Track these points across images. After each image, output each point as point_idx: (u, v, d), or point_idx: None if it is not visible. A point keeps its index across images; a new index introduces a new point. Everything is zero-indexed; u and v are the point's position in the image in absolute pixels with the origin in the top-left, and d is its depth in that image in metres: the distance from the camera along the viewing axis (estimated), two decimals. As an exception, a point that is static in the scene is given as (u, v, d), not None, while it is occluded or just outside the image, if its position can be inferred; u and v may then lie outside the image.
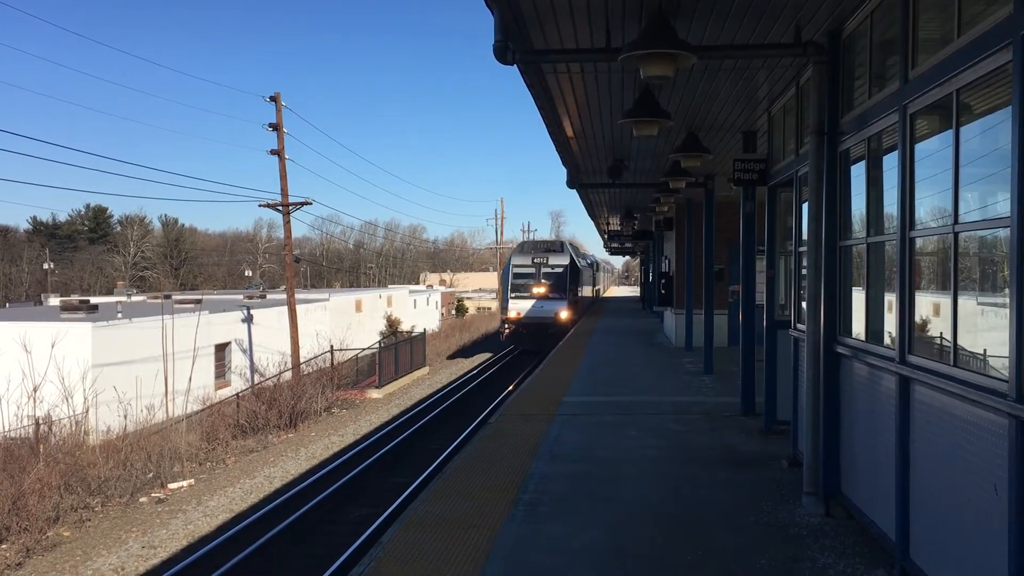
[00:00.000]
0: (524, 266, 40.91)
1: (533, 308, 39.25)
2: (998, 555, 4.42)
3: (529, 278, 40.34)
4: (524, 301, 39.53)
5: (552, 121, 11.86)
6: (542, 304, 39.24)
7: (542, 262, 40.70)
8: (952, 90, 5.11)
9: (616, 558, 6.60)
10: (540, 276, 40.31)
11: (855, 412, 7.28)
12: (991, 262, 5.35)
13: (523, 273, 40.59)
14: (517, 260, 41.69)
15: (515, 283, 40.20)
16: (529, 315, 39.18)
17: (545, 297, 39.55)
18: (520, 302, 39.58)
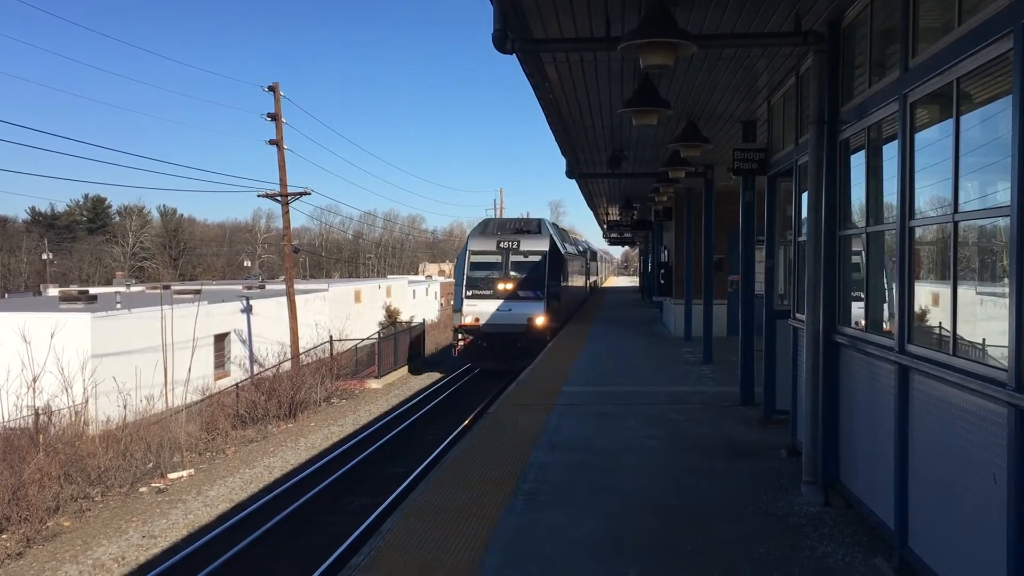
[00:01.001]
0: (485, 253, 29.60)
1: (498, 312, 28.49)
2: (997, 544, 4.43)
3: (492, 269, 29.28)
4: (485, 302, 28.60)
5: (551, 111, 11.82)
6: (510, 306, 28.33)
7: (511, 247, 29.48)
8: (952, 79, 5.09)
9: (615, 547, 6.61)
10: (508, 267, 29.25)
11: (854, 401, 7.28)
12: (990, 252, 5.35)
13: (484, 263, 29.44)
14: (476, 245, 30.04)
15: (473, 277, 29.07)
16: (492, 322, 28.24)
17: (514, 296, 28.58)
18: (479, 303, 28.59)
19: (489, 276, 29.18)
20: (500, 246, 29.67)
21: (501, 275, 29.22)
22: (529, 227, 31.56)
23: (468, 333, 28.46)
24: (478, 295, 28.74)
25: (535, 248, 29.66)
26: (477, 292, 28.80)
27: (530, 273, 29.11)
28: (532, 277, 28.97)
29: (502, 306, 28.53)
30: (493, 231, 31.11)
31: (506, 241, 29.83)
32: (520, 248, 29.64)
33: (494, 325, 28.21)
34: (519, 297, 28.56)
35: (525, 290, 28.70)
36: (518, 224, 32.11)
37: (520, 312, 28.14)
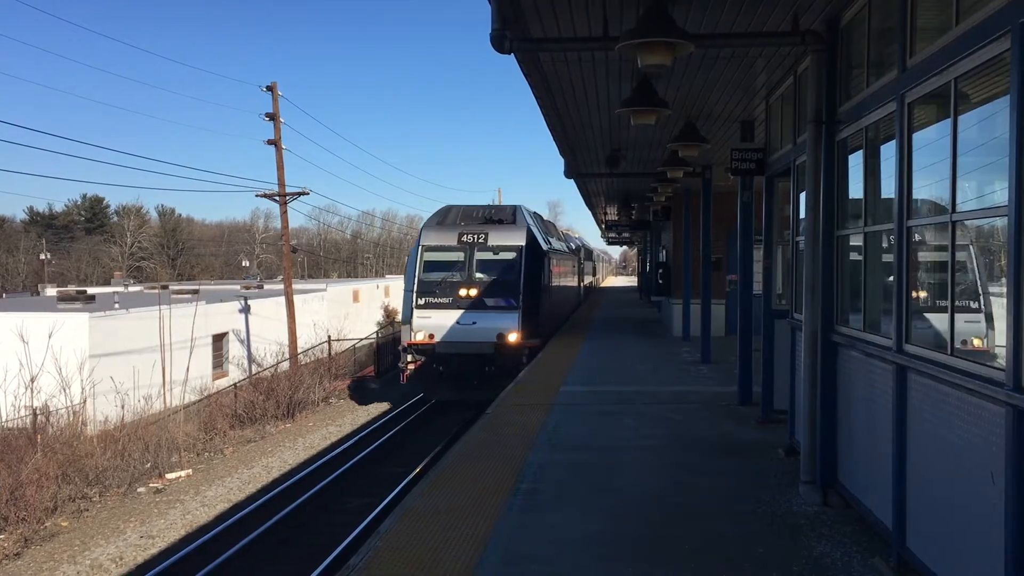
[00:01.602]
0: (443, 249, 23.07)
1: (459, 326, 22.13)
2: (995, 543, 4.43)
3: (452, 270, 22.76)
4: (442, 313, 22.23)
5: (549, 110, 11.82)
6: (475, 318, 22.05)
7: (476, 241, 22.90)
8: (950, 79, 5.10)
9: (615, 547, 6.61)
10: (473, 267, 22.71)
11: (852, 401, 7.29)
12: (988, 251, 5.36)
13: (441, 262, 22.95)
14: (432, 238, 23.37)
15: (426, 280, 22.56)
16: (451, 339, 21.99)
17: (480, 305, 22.26)
18: (434, 315, 22.20)
19: (448, 279, 22.23)
20: (463, 240, 22.63)
21: (463, 278, 22.18)
22: (501, 216, 24.05)
23: (420, 353, 21.72)
24: (433, 304, 22.03)
25: (508, 242, 22.64)
26: (432, 300, 22.06)
27: (502, 274, 22.20)
28: (504, 280, 22.10)
29: (464, 318, 21.83)
30: (454, 221, 23.67)
31: (471, 234, 22.70)
32: (489, 242, 22.56)
33: (454, 343, 21.57)
34: (487, 306, 21.85)
35: (495, 297, 21.97)
36: (487, 212, 24.55)
37: (488, 326, 21.51)
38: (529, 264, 22.49)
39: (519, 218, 23.78)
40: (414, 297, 22.25)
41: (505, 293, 22.15)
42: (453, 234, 22.94)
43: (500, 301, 22.05)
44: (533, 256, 22.85)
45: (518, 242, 22.71)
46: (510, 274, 22.33)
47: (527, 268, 22.36)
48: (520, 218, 23.78)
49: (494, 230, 23.05)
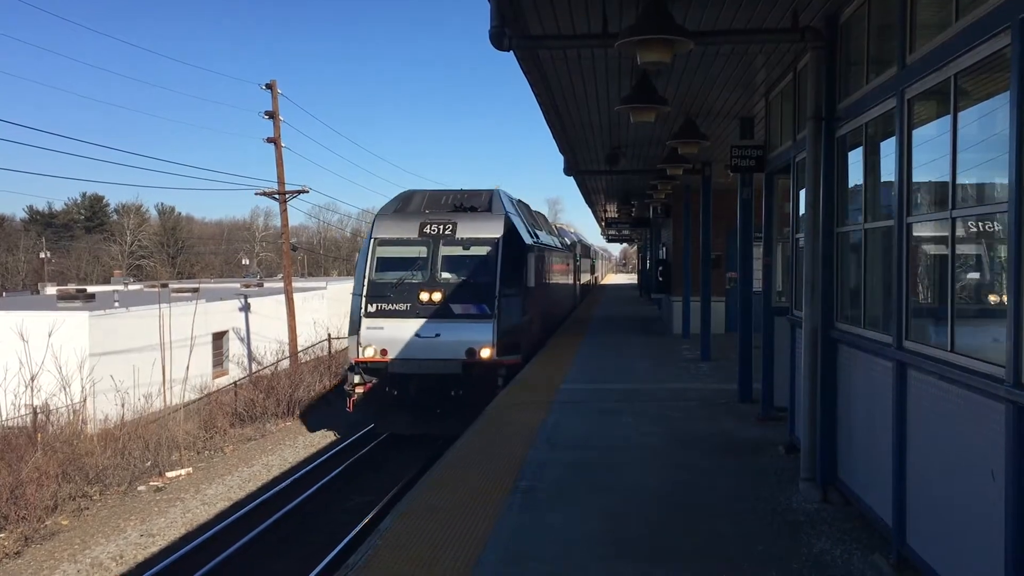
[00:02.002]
0: (401, 243, 18.72)
1: (419, 340, 17.77)
2: (995, 540, 4.42)
3: (411, 269, 18.39)
4: (397, 323, 17.88)
5: (549, 108, 11.81)
6: (439, 329, 17.71)
7: (442, 233, 18.56)
8: (950, 75, 5.08)
9: (614, 545, 6.61)
10: (438, 265, 18.37)
11: (852, 398, 7.28)
12: (989, 247, 5.35)
13: (398, 259, 18.64)
14: (387, 230, 19.05)
15: (378, 282, 18.31)
16: (408, 355, 17.67)
17: (446, 313, 17.90)
18: (388, 325, 17.90)
19: (406, 280, 17.86)
20: (425, 232, 18.25)
21: (425, 278, 17.82)
22: (474, 202, 19.75)
23: (370, 374, 17.44)
24: (386, 312, 17.63)
25: (481, 234, 18.28)
26: (385, 307, 17.66)
27: (473, 275, 17.93)
28: (476, 281, 17.80)
29: (425, 329, 17.46)
30: (417, 209, 19.50)
31: (435, 224, 18.32)
32: (457, 235, 18.22)
33: (412, 361, 17.24)
34: (454, 314, 17.42)
35: (464, 303, 17.57)
36: (457, 198, 20.04)
37: (455, 339, 17.24)
38: (508, 261, 18.01)
39: (496, 205, 19.16)
40: (363, 303, 17.77)
41: (477, 298, 17.51)
42: (413, 224, 18.42)
43: (471, 308, 17.50)
44: (513, 251, 18.29)
45: (494, 234, 18.16)
46: (484, 274, 17.76)
47: (505, 266, 17.88)
48: (497, 205, 19.15)
49: (464, 219, 18.53)
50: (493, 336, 17.42)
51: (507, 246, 18.23)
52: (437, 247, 18.23)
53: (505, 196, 20.73)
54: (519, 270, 18.49)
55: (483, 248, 18.19)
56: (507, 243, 18.26)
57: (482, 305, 17.68)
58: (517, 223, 19.51)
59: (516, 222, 19.42)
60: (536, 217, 27.64)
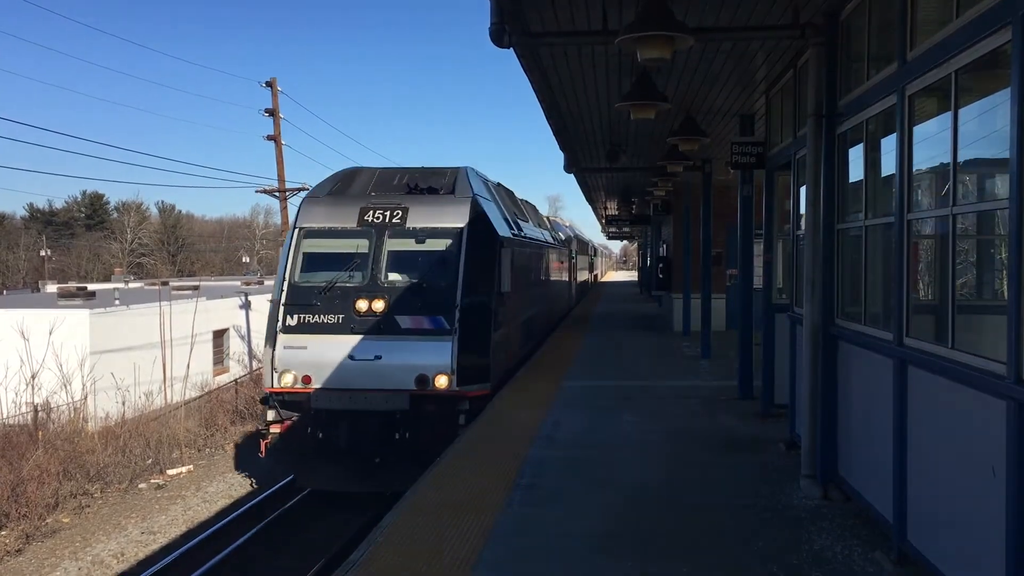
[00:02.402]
0: (335, 234, 14.14)
1: (352, 363, 13.01)
2: (996, 536, 4.42)
3: (345, 269, 13.65)
4: (325, 340, 13.18)
5: (549, 105, 11.81)
6: (380, 349, 13.05)
7: (389, 222, 13.89)
8: (951, 71, 5.08)
9: (615, 541, 6.61)
10: (381, 264, 13.66)
11: (853, 395, 7.28)
12: (989, 244, 5.35)
13: (330, 255, 14.01)
14: (315, 217, 14.31)
15: (302, 286, 13.62)
16: (337, 383, 12.99)
17: (389, 328, 13.18)
18: (312, 343, 13.20)
19: (339, 284, 13.41)
20: (367, 220, 13.85)
21: (364, 281, 13.38)
22: (433, 182, 15.27)
23: (288, 408, 13.10)
24: (312, 326, 13.23)
25: (440, 222, 13.85)
26: (310, 319, 13.26)
27: (429, 276, 13.52)
28: (433, 285, 13.39)
29: (362, 349, 13.02)
30: (361, 190, 14.96)
31: (381, 210, 13.91)
32: (408, 223, 13.77)
33: (343, 393, 12.86)
34: (401, 329, 13.12)
35: (415, 313, 13.21)
36: (414, 177, 15.57)
37: (402, 363, 12.84)
38: (475, 258, 13.55)
39: (462, 186, 14.52)
40: (280, 313, 13.27)
41: (432, 307, 13.04)
42: (351, 210, 13.88)
43: (423, 321, 13.00)
44: (482, 245, 13.80)
45: (456, 222, 13.65)
46: (442, 275, 13.31)
47: (471, 265, 13.43)
48: (463, 186, 14.52)
49: (419, 204, 13.96)
50: (452, 359, 12.62)
51: (474, 239, 13.57)
52: (381, 240, 13.44)
53: (476, 176, 15.73)
54: (490, 270, 13.81)
55: (442, 241, 13.52)
56: (474, 234, 13.59)
57: (438, 317, 12.92)
58: (489, 210, 14.65)
59: (487, 208, 14.58)
60: (523, 207, 22.83)
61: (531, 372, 16.15)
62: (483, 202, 14.50)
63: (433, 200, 14.24)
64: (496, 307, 13.91)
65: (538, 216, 27.26)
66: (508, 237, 15.36)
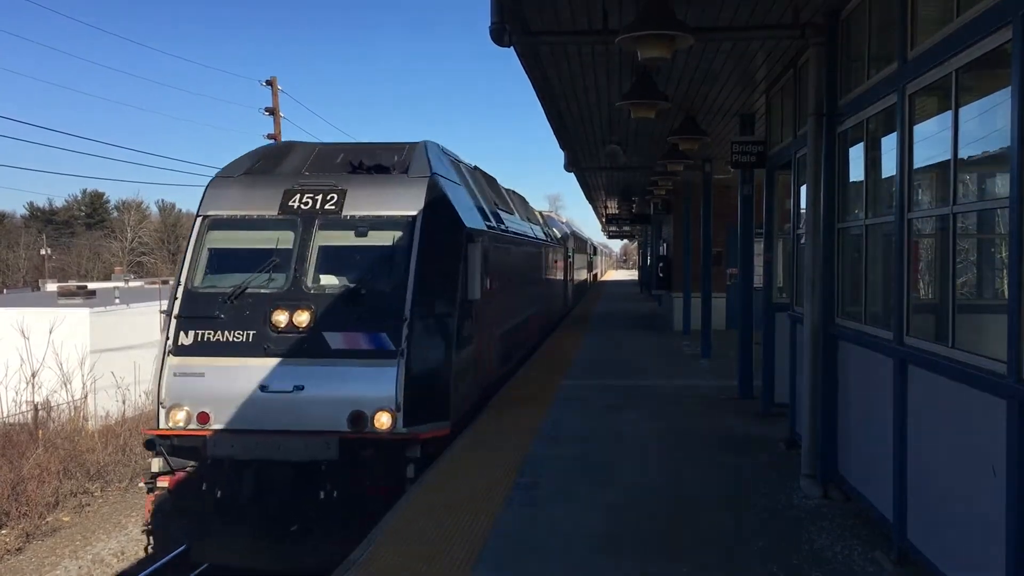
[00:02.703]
0: (249, 225, 10.48)
1: (263, 395, 9.47)
2: (996, 536, 4.42)
3: (261, 270, 10.04)
4: (229, 365, 9.65)
5: (549, 103, 11.80)
6: (301, 377, 9.50)
7: (320, 209, 10.35)
8: (951, 70, 5.08)
9: (615, 540, 6.61)
10: (307, 265, 10.08)
11: (853, 394, 7.28)
12: (990, 243, 5.35)
13: (242, 252, 10.39)
14: (225, 203, 10.69)
15: (202, 293, 10.10)
16: (243, 422, 9.47)
17: (314, 348, 9.62)
18: (211, 367, 9.70)
19: (249, 291, 10.06)
20: (292, 206, 10.55)
21: (283, 288, 10.07)
22: (382, 159, 11.84)
23: (181, 455, 9.86)
24: (212, 346, 9.92)
25: (387, 210, 10.49)
26: (210, 337, 9.94)
27: (370, 280, 10.18)
28: (374, 292, 10.06)
29: (278, 378, 9.65)
30: (295, 168, 11.50)
31: (310, 193, 10.64)
32: (346, 211, 10.50)
33: (250, 437, 9.45)
34: (330, 351, 9.76)
35: (350, 329, 9.86)
36: (359, 153, 12.10)
37: (330, 396, 9.57)
38: (432, 256, 10.30)
39: (418, 164, 11.10)
40: (171, 329, 10.08)
41: (374, 320, 9.86)
42: (272, 193, 10.61)
43: (362, 339, 9.80)
44: (443, 239, 10.60)
45: (408, 209, 10.39)
46: (388, 278, 10.12)
47: (426, 265, 10.17)
48: (420, 164, 11.10)
49: (360, 187, 10.71)
50: (398, 389, 9.41)
51: (431, 230, 10.27)
52: (310, 232, 10.17)
53: (440, 153, 12.15)
54: (452, 270, 10.48)
55: (389, 233, 10.21)
56: (431, 225, 10.30)
57: (380, 334, 9.66)
58: (454, 194, 11.37)
59: (452, 193, 11.24)
60: (508, 197, 19.18)
61: (538, 367, 16.13)
62: (445, 185, 11.07)
63: (380, 181, 10.80)
64: (460, 319, 10.46)
65: (528, 209, 23.43)
66: (479, 229, 12.05)
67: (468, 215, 11.62)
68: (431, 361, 10.01)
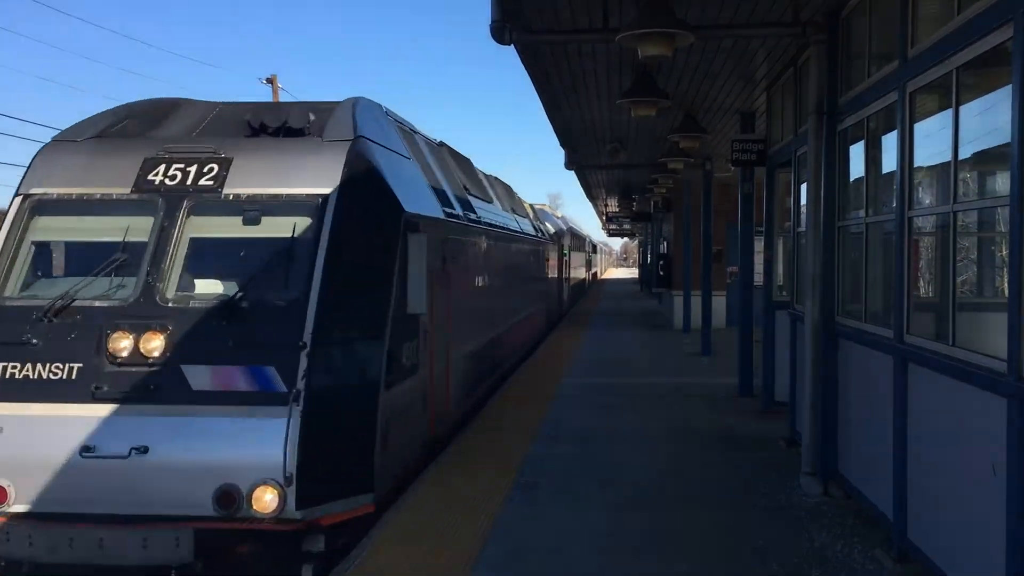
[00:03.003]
0: (94, 207, 7.16)
1: (87, 461, 6.06)
2: (996, 535, 4.43)
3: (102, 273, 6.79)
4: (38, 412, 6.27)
5: (550, 101, 11.81)
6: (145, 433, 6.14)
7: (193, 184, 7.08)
8: (952, 68, 5.08)
9: (616, 538, 6.61)
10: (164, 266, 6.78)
11: (853, 392, 7.28)
12: (990, 241, 5.35)
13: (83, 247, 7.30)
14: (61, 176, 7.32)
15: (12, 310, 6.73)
16: (52, 502, 6.11)
17: (164, 390, 6.28)
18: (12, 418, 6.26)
19: (77, 304, 6.67)
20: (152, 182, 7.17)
21: (129, 300, 6.69)
22: (294, 119, 7.99)
23: None
24: (16, 385, 6.43)
25: (286, 186, 7.14)
26: (15, 373, 6.46)
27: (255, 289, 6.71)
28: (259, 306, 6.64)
29: (108, 432, 6.18)
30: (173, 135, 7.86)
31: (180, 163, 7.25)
32: (226, 189, 7.12)
33: (68, 526, 6.07)
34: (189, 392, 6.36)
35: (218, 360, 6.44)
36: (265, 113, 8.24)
37: (187, 462, 6.13)
38: (351, 254, 7.11)
39: (339, 124, 7.77)
40: None
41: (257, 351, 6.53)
42: (127, 164, 7.39)
43: (237, 377, 6.46)
44: (369, 229, 7.38)
45: (316, 186, 7.19)
46: (279, 287, 6.83)
47: (343, 264, 6.96)
48: (341, 124, 7.76)
49: (253, 154, 7.49)
50: (288, 451, 6.23)
51: (350, 217, 7.19)
52: (175, 219, 7.13)
53: (375, 114, 8.65)
54: (382, 275, 7.31)
55: (288, 220, 7.11)
56: (350, 209, 7.20)
57: (264, 369, 6.53)
58: (390, 168, 8.04)
59: (386, 165, 7.93)
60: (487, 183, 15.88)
61: (538, 365, 16.13)
62: (378, 155, 7.78)
63: (281, 148, 7.54)
64: (396, 342, 7.30)
65: (513, 199, 19.91)
66: (431, 217, 8.79)
67: (413, 196, 8.26)
68: (344, 406, 6.66)
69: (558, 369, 15.95)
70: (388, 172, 7.79)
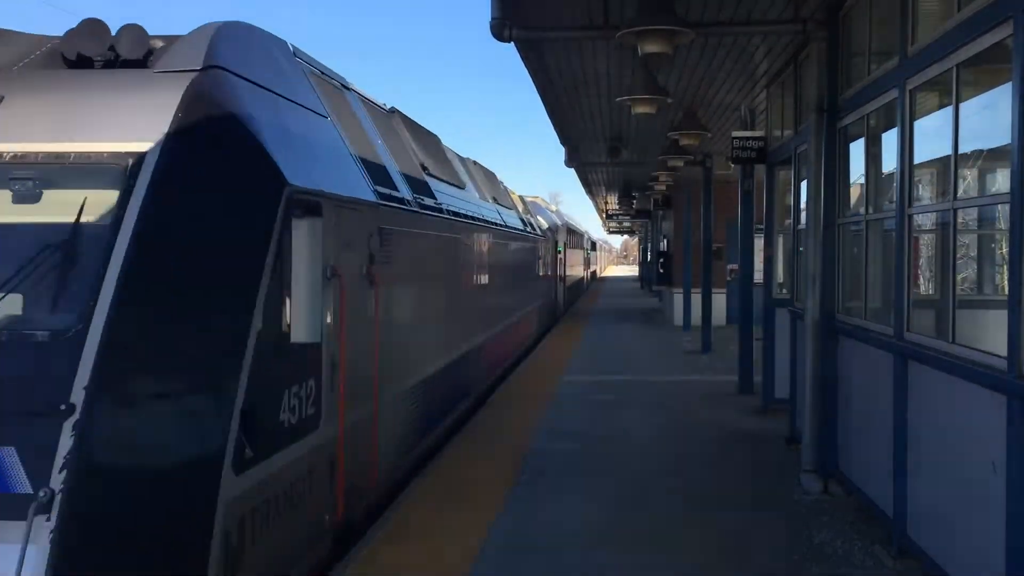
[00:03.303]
0: None
1: None
2: (996, 531, 4.43)
3: None
4: None
5: (550, 99, 11.80)
6: None
7: None
8: (952, 65, 5.07)
9: (616, 535, 6.62)
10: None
11: (853, 389, 7.28)
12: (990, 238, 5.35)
13: None
14: None
15: None
16: None
17: None
18: None
19: None
20: None
21: None
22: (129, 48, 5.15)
23: None
24: None
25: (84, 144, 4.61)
26: None
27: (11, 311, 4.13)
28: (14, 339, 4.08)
29: None
30: None
31: None
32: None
33: None
34: None
35: None
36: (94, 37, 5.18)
37: None
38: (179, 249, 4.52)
39: (185, 49, 5.14)
40: None
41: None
42: None
43: None
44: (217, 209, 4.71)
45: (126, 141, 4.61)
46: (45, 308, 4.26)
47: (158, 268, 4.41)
48: (187, 50, 5.12)
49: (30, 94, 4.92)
50: None
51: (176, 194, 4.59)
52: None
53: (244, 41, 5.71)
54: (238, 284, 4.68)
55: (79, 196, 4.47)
56: (180, 179, 4.62)
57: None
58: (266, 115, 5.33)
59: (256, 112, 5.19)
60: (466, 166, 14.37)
61: (538, 363, 16.12)
62: (243, 94, 5.25)
63: (84, 83, 5.16)
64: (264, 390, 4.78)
65: (495, 188, 17.52)
66: (345, 198, 6.17)
67: (313, 166, 5.80)
68: (146, 514, 4.13)
69: (557, 368, 15.94)
70: (263, 123, 5.20)
